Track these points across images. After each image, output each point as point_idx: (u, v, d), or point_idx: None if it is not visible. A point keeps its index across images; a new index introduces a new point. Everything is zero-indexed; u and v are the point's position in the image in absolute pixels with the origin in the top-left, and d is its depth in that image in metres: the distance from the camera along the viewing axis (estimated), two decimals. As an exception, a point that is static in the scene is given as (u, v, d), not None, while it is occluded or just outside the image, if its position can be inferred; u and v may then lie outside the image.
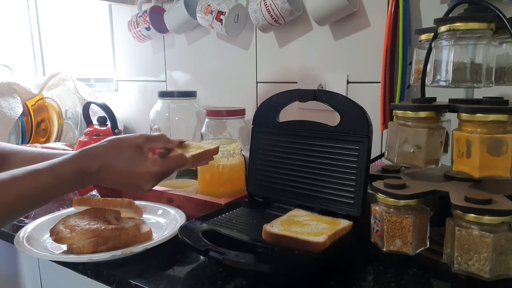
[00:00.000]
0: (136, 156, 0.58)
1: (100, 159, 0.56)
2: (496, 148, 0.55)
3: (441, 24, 0.62)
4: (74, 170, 0.55)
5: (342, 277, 0.59)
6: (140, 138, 0.60)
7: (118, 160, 0.57)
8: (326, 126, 0.73)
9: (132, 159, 0.58)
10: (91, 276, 0.65)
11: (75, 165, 0.55)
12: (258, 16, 1.03)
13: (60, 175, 0.54)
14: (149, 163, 0.58)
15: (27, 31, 1.77)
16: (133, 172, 0.57)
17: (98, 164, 0.56)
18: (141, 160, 0.58)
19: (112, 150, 0.58)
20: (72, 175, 0.55)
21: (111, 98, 1.58)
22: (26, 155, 0.72)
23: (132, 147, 0.58)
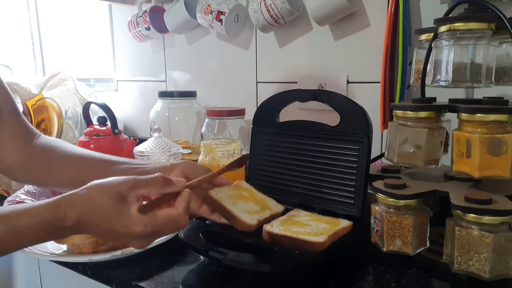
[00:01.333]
0: (116, 210, 0.46)
1: (76, 211, 0.46)
2: (496, 148, 0.55)
3: (441, 24, 0.62)
4: (38, 223, 0.45)
5: (342, 277, 0.59)
6: (124, 184, 0.48)
7: (95, 214, 0.46)
8: (326, 126, 0.73)
9: (110, 213, 0.46)
10: (91, 276, 0.65)
11: (41, 218, 0.45)
12: (258, 16, 1.03)
13: (19, 229, 0.44)
14: (129, 221, 0.46)
15: (27, 31, 1.77)
16: (112, 231, 0.47)
17: (75, 217, 0.46)
18: (121, 216, 0.46)
19: (90, 200, 0.46)
20: (36, 229, 0.45)
21: (111, 98, 1.58)
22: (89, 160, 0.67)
23: (114, 197, 0.47)
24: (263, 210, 0.68)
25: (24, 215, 0.45)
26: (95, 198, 0.46)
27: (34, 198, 0.81)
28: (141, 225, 0.46)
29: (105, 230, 0.47)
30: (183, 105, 1.25)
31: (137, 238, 0.47)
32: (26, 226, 0.44)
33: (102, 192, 0.47)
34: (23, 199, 0.80)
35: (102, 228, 0.47)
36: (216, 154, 0.85)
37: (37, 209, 0.46)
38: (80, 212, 0.46)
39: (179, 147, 1.05)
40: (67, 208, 0.46)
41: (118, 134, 1.11)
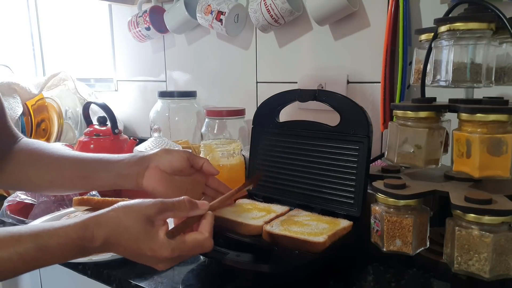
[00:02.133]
0: (143, 233, 0.47)
1: (104, 233, 0.46)
2: (496, 148, 0.55)
3: (441, 24, 0.62)
4: (67, 243, 0.45)
5: (342, 277, 0.59)
6: (152, 207, 0.48)
7: (123, 236, 0.47)
8: (326, 126, 0.73)
9: (138, 237, 0.47)
10: (91, 276, 0.65)
11: (70, 238, 0.45)
12: (258, 16, 1.03)
13: (48, 249, 0.44)
14: (157, 245, 0.47)
15: (27, 31, 1.77)
16: (139, 254, 0.47)
17: (102, 238, 0.46)
18: (148, 240, 0.47)
19: (118, 222, 0.47)
20: (64, 249, 0.45)
21: (111, 98, 1.58)
22: (65, 161, 0.65)
23: (141, 220, 0.47)
24: (268, 214, 0.69)
25: (54, 235, 0.45)
26: (123, 220, 0.47)
27: (34, 198, 0.81)
28: (169, 250, 0.47)
29: (132, 252, 0.48)
30: (183, 105, 1.25)
31: (163, 261, 0.48)
32: (55, 246, 0.44)
33: (130, 214, 0.47)
34: (23, 199, 0.80)
35: (129, 250, 0.47)
36: (216, 154, 0.85)
37: (66, 229, 0.45)
38: (108, 233, 0.46)
39: (179, 147, 1.05)
40: (95, 229, 0.46)
41: (118, 134, 1.11)
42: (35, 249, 0.43)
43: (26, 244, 0.43)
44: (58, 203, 0.83)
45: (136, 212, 0.48)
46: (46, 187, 0.67)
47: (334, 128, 0.72)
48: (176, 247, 0.48)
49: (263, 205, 0.74)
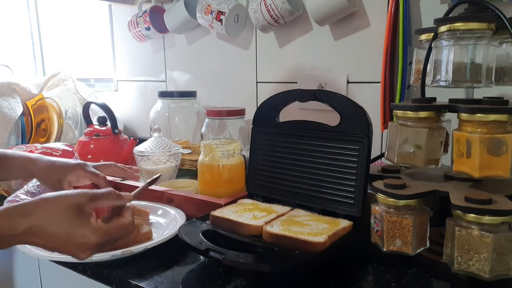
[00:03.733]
0: (74, 220, 0.48)
1: (29, 220, 0.46)
2: (496, 148, 0.55)
3: (441, 24, 0.62)
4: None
5: (342, 277, 0.59)
6: (82, 196, 0.50)
7: (52, 223, 0.47)
8: (326, 126, 0.73)
9: (70, 223, 0.48)
10: (91, 276, 0.65)
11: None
12: (258, 16, 1.03)
13: None
14: (89, 231, 0.49)
15: (27, 31, 1.77)
16: (69, 240, 0.48)
17: (25, 225, 0.46)
18: (80, 226, 0.48)
19: (45, 210, 0.48)
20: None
21: (111, 98, 1.58)
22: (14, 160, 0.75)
23: (72, 208, 0.49)
24: (269, 214, 0.69)
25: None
26: (52, 209, 0.48)
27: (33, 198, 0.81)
28: (101, 234, 0.50)
29: (60, 240, 0.48)
30: (183, 105, 1.25)
31: (91, 248, 0.49)
32: None
33: (59, 202, 0.49)
34: (23, 199, 0.80)
35: (56, 238, 0.47)
36: (216, 154, 0.85)
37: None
38: (32, 221, 0.47)
39: (179, 147, 1.05)
40: (18, 217, 0.47)
41: (118, 134, 1.11)
42: None
43: None
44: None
45: (66, 201, 0.49)
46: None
47: (334, 128, 0.72)
48: (107, 231, 0.50)
49: (264, 205, 0.74)
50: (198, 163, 0.88)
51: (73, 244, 0.48)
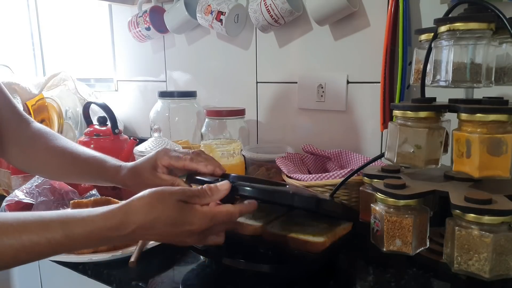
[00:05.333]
0: (180, 211, 0.49)
1: (136, 219, 0.47)
2: (496, 148, 0.55)
3: (441, 24, 0.62)
4: (93, 232, 0.46)
5: (342, 277, 0.59)
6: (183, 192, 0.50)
7: (160, 219, 0.48)
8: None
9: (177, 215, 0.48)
10: (91, 276, 0.65)
11: (96, 227, 0.46)
12: (258, 16, 1.03)
13: (74, 236, 0.45)
14: (197, 217, 0.49)
15: (27, 31, 1.77)
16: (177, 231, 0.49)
17: (133, 226, 0.47)
18: (187, 214, 0.49)
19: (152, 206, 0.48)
20: (89, 237, 0.46)
21: (111, 98, 1.58)
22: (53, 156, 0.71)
23: (176, 201, 0.49)
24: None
25: (81, 223, 0.46)
26: (157, 205, 0.48)
27: (32, 198, 0.81)
28: (209, 218, 0.49)
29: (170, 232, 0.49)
30: (183, 105, 1.25)
31: (198, 233, 0.50)
32: (81, 234, 0.46)
33: (163, 198, 0.49)
34: (22, 199, 0.80)
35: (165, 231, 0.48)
36: (216, 154, 0.85)
37: (94, 218, 0.47)
38: (140, 219, 0.47)
39: (179, 147, 1.05)
40: (124, 217, 0.47)
41: (118, 134, 1.11)
42: (62, 235, 0.45)
43: (54, 230, 0.45)
44: (57, 203, 0.83)
45: (168, 195, 0.49)
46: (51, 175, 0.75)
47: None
48: (214, 216, 0.50)
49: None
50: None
51: (180, 232, 0.49)
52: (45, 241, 0.44)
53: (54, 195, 0.83)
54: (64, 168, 0.72)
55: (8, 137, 0.70)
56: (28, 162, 0.73)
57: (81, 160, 0.71)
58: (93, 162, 0.71)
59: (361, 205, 0.75)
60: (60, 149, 0.72)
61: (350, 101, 1.02)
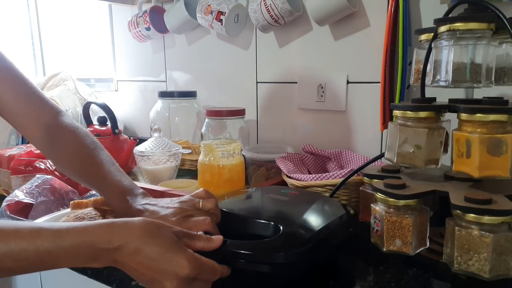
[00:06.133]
0: (174, 246, 0.46)
1: (126, 236, 0.45)
2: (496, 148, 0.55)
3: (441, 24, 0.62)
4: (84, 242, 0.44)
5: (342, 277, 0.59)
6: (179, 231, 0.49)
7: (150, 244, 0.45)
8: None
9: (168, 248, 0.45)
10: (91, 276, 0.64)
11: (88, 236, 0.44)
12: (258, 16, 1.03)
13: (64, 245, 0.43)
14: (186, 260, 0.45)
15: (27, 31, 1.77)
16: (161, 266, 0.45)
17: (121, 241, 0.44)
18: (178, 252, 0.46)
19: (146, 229, 0.46)
20: (79, 249, 0.44)
21: (111, 98, 1.59)
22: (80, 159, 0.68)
23: (171, 234, 0.47)
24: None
25: (73, 231, 0.44)
26: (153, 231, 0.46)
27: (32, 198, 0.81)
28: (196, 267, 0.46)
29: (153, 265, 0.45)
30: (183, 105, 1.25)
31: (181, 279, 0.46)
32: (70, 243, 0.43)
33: (162, 227, 0.47)
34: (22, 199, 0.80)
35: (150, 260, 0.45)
36: (216, 154, 0.85)
37: (86, 226, 0.45)
38: (131, 238, 0.45)
39: (179, 147, 1.05)
40: (116, 230, 0.45)
41: (118, 134, 1.12)
42: (51, 243, 0.43)
43: (45, 237, 0.43)
44: (57, 203, 0.83)
45: (166, 227, 0.48)
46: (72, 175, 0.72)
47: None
48: (202, 265, 0.47)
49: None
50: (198, 163, 0.88)
51: (164, 270, 0.45)
52: (33, 248, 0.42)
53: (54, 195, 0.83)
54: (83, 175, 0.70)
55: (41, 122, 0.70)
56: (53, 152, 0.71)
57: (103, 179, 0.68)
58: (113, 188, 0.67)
59: (361, 205, 0.75)
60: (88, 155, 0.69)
61: (350, 101, 1.02)
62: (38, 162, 0.92)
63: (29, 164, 0.91)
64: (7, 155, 0.97)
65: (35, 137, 0.71)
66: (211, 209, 0.60)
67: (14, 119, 0.70)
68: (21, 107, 0.69)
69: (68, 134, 0.71)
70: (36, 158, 0.93)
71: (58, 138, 0.70)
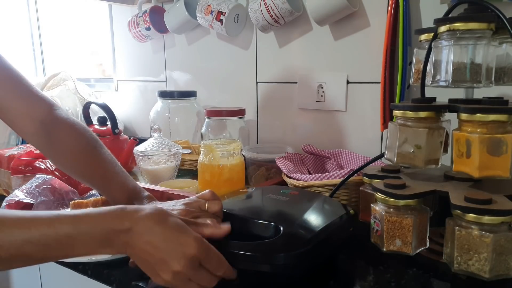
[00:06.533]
0: (182, 226, 0.48)
1: (138, 218, 0.46)
2: (496, 148, 0.55)
3: (441, 24, 0.62)
4: (98, 225, 0.45)
5: (342, 277, 0.59)
6: (187, 219, 0.51)
7: (159, 225, 0.47)
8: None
9: (177, 227, 0.47)
10: (91, 276, 0.64)
11: (103, 219, 0.46)
12: (258, 16, 1.03)
13: (82, 228, 0.45)
14: (191, 238, 0.47)
15: (27, 31, 1.77)
16: (167, 247, 0.46)
17: (133, 222, 0.46)
18: (183, 233, 0.47)
19: (155, 214, 0.48)
20: (95, 233, 0.45)
21: (111, 98, 1.59)
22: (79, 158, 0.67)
23: (180, 220, 0.49)
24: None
25: (90, 214, 0.46)
26: (163, 215, 0.48)
27: (32, 198, 0.81)
28: (202, 248, 0.47)
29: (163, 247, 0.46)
30: (183, 105, 1.25)
31: (187, 258, 0.46)
32: (93, 229, 0.45)
33: (168, 213, 0.49)
34: (22, 199, 0.80)
35: (160, 242, 0.46)
36: (216, 154, 0.85)
37: (101, 211, 0.47)
38: (144, 218, 0.47)
39: (179, 147, 1.05)
40: (128, 214, 0.47)
41: (118, 134, 1.12)
42: (70, 227, 0.44)
43: (64, 221, 0.44)
44: (57, 203, 0.83)
45: (175, 214, 0.50)
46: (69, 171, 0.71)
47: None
48: (208, 248, 0.48)
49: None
50: (198, 163, 0.88)
51: (172, 250, 0.46)
52: (53, 232, 0.43)
53: (54, 195, 0.83)
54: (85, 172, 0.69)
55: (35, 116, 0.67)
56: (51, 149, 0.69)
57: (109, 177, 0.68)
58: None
59: (361, 205, 0.75)
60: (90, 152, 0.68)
61: (350, 101, 1.02)
62: (38, 162, 0.92)
63: (29, 164, 0.91)
64: (7, 155, 0.97)
65: (28, 133, 0.68)
66: (217, 212, 0.60)
67: (4, 116, 0.67)
68: (8, 101, 0.66)
69: (65, 130, 0.68)
70: (36, 158, 0.93)
71: (55, 134, 0.68)
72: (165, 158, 1.01)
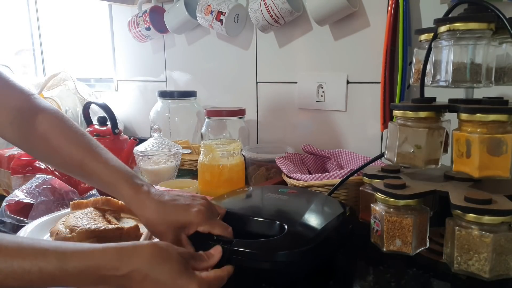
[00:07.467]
0: (184, 271, 0.46)
1: (134, 263, 0.44)
2: (496, 148, 0.55)
3: (441, 24, 0.62)
4: (90, 267, 0.42)
5: (342, 277, 0.59)
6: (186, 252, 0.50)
7: (160, 270, 0.45)
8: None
9: (178, 273, 0.45)
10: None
11: (94, 261, 0.42)
12: (258, 16, 1.03)
13: (68, 269, 0.41)
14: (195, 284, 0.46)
15: (27, 31, 1.77)
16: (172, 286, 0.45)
17: (130, 268, 0.43)
18: (188, 278, 0.46)
19: (154, 255, 0.45)
20: (84, 273, 0.42)
21: (111, 98, 1.59)
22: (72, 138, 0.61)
23: (180, 258, 0.47)
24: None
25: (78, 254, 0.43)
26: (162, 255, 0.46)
27: (32, 198, 0.81)
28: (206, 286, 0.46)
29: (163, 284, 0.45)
30: (183, 105, 1.25)
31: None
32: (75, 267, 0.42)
33: (167, 252, 0.47)
34: (22, 199, 0.80)
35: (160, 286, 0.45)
36: (216, 154, 0.85)
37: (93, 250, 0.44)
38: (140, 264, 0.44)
39: (179, 147, 1.05)
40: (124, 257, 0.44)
41: (118, 134, 1.11)
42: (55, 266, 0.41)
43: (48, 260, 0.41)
44: (57, 203, 0.83)
45: (174, 250, 0.48)
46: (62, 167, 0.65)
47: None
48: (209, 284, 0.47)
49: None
50: (198, 163, 0.88)
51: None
52: (36, 270, 0.40)
53: (54, 195, 0.83)
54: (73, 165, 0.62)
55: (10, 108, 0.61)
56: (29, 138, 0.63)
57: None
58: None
59: (361, 205, 0.75)
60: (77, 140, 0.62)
61: (350, 101, 1.02)
62: (38, 162, 0.92)
63: (29, 164, 0.91)
64: (7, 155, 0.96)
65: (3, 123, 0.61)
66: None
67: None
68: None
69: (47, 117, 0.62)
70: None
71: (35, 122, 0.62)
72: (165, 158, 1.01)
